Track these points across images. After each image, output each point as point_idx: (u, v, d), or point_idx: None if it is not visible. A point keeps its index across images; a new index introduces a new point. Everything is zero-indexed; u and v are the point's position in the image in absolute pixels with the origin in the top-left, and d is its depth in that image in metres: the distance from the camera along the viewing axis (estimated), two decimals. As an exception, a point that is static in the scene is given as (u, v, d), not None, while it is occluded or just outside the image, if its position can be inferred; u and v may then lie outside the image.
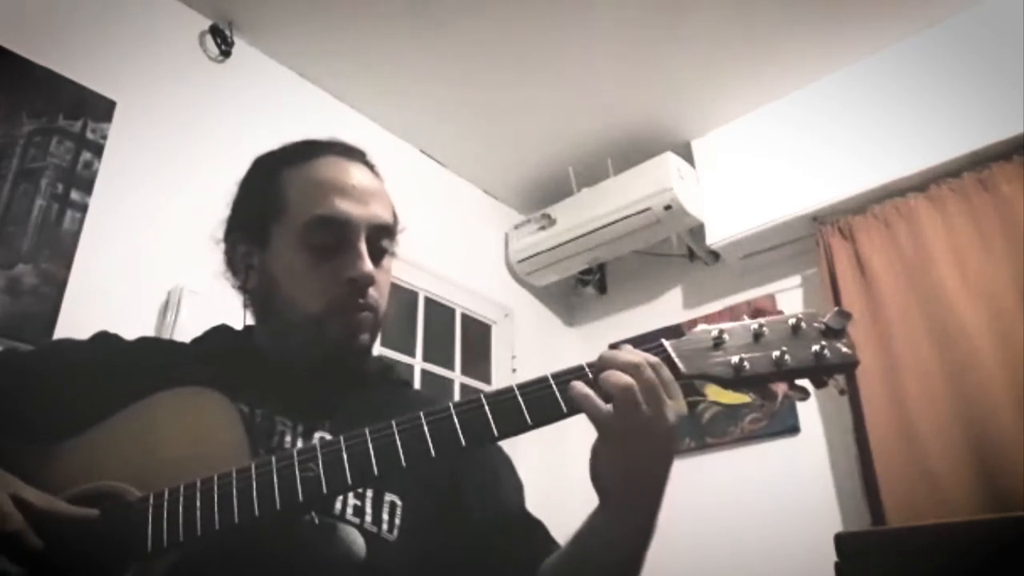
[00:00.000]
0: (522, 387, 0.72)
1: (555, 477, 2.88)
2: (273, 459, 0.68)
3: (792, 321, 0.77)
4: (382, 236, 0.90)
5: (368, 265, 0.86)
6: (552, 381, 0.72)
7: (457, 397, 2.66)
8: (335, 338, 0.85)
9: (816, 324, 0.77)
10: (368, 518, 0.79)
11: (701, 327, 0.77)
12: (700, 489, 2.61)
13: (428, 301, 2.75)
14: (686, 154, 2.79)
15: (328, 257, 0.86)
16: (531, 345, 2.97)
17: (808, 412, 2.47)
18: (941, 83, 2.31)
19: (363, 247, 0.86)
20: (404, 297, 2.65)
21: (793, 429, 2.48)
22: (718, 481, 2.58)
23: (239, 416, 0.75)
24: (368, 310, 0.87)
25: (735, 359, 0.74)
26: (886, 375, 2.21)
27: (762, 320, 0.77)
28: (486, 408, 0.70)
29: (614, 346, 0.74)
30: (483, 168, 2.99)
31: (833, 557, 1.58)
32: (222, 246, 0.95)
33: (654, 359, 0.71)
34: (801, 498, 2.36)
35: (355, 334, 0.86)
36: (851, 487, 2.27)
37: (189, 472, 0.68)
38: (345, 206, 0.87)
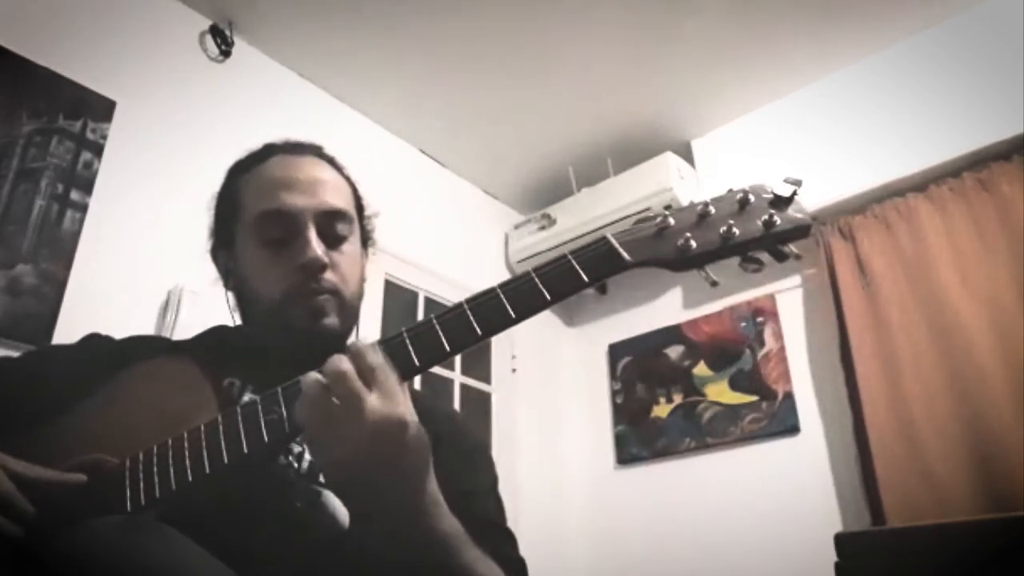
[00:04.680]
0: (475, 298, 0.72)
1: (551, 470, 2.89)
2: (238, 408, 0.70)
3: (739, 196, 0.74)
4: (336, 221, 0.93)
5: (316, 251, 0.88)
6: (535, 277, 0.72)
7: (457, 398, 2.67)
8: (298, 324, 0.88)
9: (765, 195, 0.74)
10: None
11: (647, 214, 0.76)
12: (700, 489, 2.61)
13: (428, 301, 2.74)
14: (686, 154, 2.79)
15: (280, 248, 0.90)
16: (531, 345, 2.97)
17: (808, 412, 2.48)
18: (941, 83, 2.31)
19: (311, 234, 0.89)
20: (404, 297, 2.65)
21: (793, 429, 2.48)
22: (718, 481, 2.58)
23: (214, 386, 0.78)
24: (327, 293, 0.89)
25: (680, 241, 0.72)
26: (886, 375, 2.21)
27: (707, 199, 0.75)
28: (437, 327, 0.71)
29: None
30: (483, 168, 2.99)
31: (833, 557, 1.58)
32: (209, 256, 1.01)
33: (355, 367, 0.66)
34: (801, 498, 2.36)
35: (317, 317, 0.88)
36: (851, 487, 2.27)
37: (160, 434, 0.71)
38: (289, 198, 0.90)
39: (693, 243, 0.71)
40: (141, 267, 1.87)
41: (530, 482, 2.68)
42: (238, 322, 0.97)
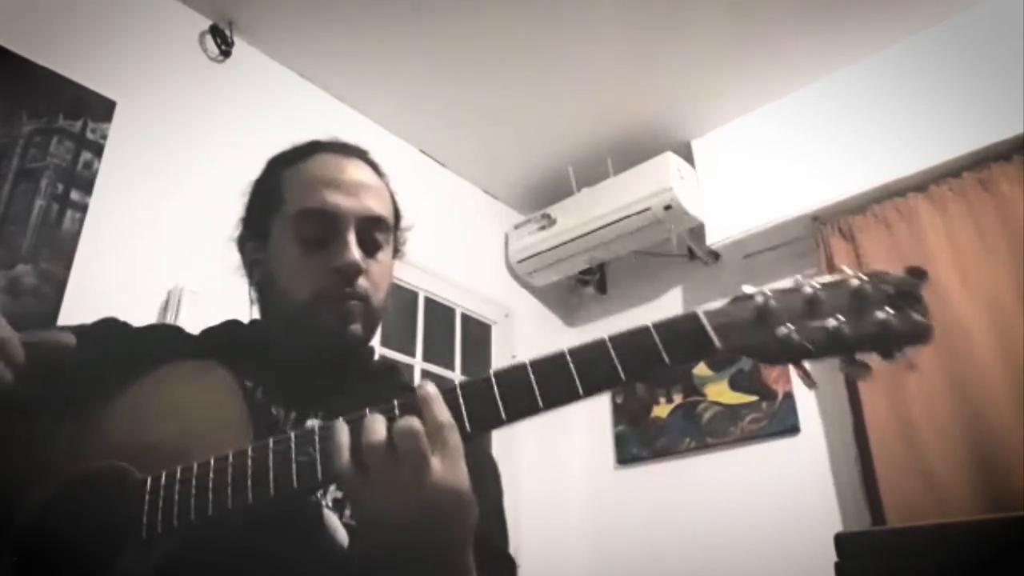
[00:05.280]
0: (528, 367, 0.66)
1: (552, 470, 2.89)
2: (271, 441, 0.66)
3: (853, 284, 0.64)
4: (375, 229, 0.91)
5: (354, 255, 0.86)
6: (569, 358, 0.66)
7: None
8: (325, 327, 0.86)
9: (883, 287, 0.65)
10: (349, 511, 0.78)
11: (746, 289, 0.67)
12: (700, 489, 2.62)
13: (428, 301, 2.75)
14: (686, 154, 2.79)
15: (318, 249, 0.88)
16: (531, 345, 2.97)
17: (808, 412, 2.48)
18: (941, 83, 2.31)
19: (351, 238, 0.88)
20: (404, 297, 2.65)
21: (793, 429, 2.48)
22: (718, 481, 2.58)
23: (241, 391, 0.75)
24: (357, 299, 0.87)
25: (781, 331, 0.63)
26: (886, 375, 2.20)
27: (816, 283, 0.65)
28: (495, 388, 0.65)
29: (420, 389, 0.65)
30: (483, 168, 2.99)
31: (833, 557, 1.58)
32: (235, 244, 0.98)
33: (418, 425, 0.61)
34: (801, 498, 2.36)
35: (345, 323, 0.86)
36: (851, 487, 2.27)
37: (190, 448, 0.68)
38: (333, 198, 0.89)
39: (795, 336, 0.63)
40: (141, 267, 1.87)
41: (530, 482, 2.68)
42: (255, 315, 0.96)
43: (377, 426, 0.61)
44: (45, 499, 0.70)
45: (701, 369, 2.75)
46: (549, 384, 0.64)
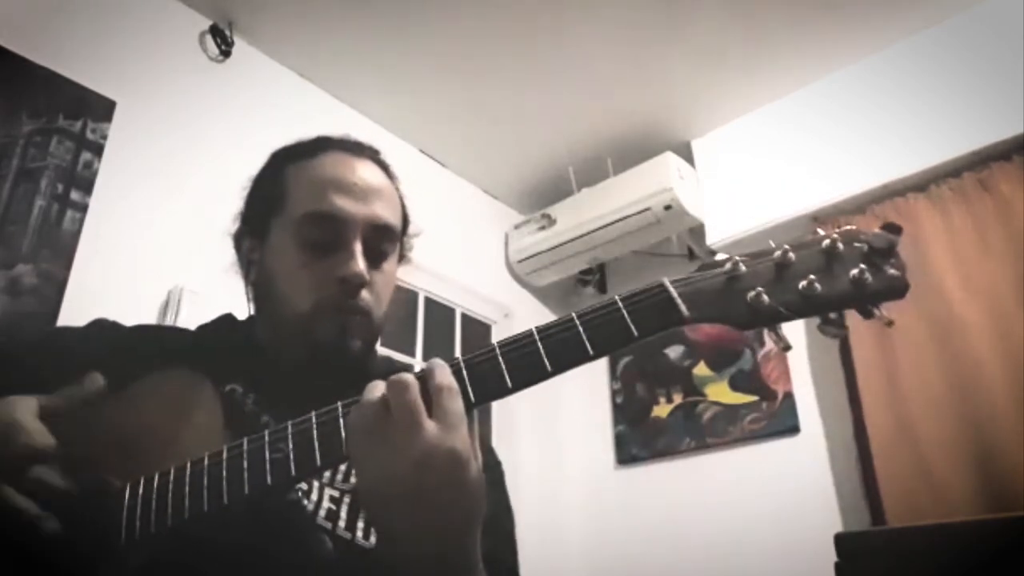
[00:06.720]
0: (502, 347, 0.64)
1: (551, 470, 2.89)
2: (245, 441, 0.65)
3: (826, 243, 0.63)
4: (382, 237, 0.87)
5: (360, 265, 0.82)
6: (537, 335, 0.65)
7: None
8: (323, 340, 0.81)
9: (857, 244, 0.64)
10: (342, 523, 0.76)
11: (718, 256, 0.66)
12: (700, 489, 2.62)
13: (428, 301, 2.75)
14: (686, 154, 2.79)
15: (322, 255, 0.83)
16: (531, 345, 2.97)
17: (808, 412, 2.48)
18: (941, 83, 2.31)
19: (357, 246, 0.83)
20: (404, 297, 2.65)
21: (793, 429, 2.48)
22: (718, 481, 2.58)
23: (220, 400, 0.74)
24: (359, 313, 0.83)
25: (751, 295, 0.62)
26: (886, 375, 2.21)
27: (788, 245, 0.64)
28: (464, 372, 0.64)
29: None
30: (483, 168, 2.99)
31: (833, 557, 1.58)
32: (231, 240, 0.94)
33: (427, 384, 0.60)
34: (801, 498, 2.36)
35: (345, 337, 0.82)
36: (851, 487, 2.27)
37: (168, 459, 0.67)
38: (341, 203, 0.84)
39: (766, 298, 0.62)
40: (141, 267, 1.87)
41: (530, 482, 2.68)
42: (252, 312, 0.93)
43: (375, 388, 0.61)
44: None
45: (701, 369, 2.75)
46: (517, 364, 0.63)
